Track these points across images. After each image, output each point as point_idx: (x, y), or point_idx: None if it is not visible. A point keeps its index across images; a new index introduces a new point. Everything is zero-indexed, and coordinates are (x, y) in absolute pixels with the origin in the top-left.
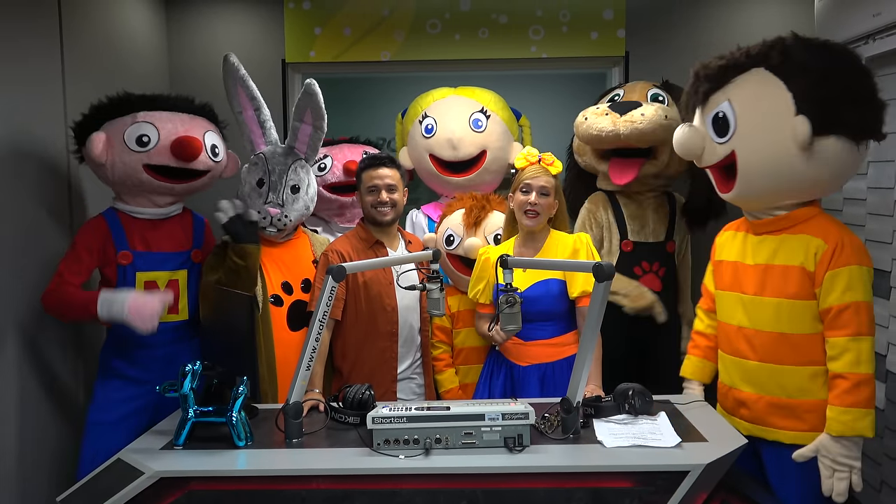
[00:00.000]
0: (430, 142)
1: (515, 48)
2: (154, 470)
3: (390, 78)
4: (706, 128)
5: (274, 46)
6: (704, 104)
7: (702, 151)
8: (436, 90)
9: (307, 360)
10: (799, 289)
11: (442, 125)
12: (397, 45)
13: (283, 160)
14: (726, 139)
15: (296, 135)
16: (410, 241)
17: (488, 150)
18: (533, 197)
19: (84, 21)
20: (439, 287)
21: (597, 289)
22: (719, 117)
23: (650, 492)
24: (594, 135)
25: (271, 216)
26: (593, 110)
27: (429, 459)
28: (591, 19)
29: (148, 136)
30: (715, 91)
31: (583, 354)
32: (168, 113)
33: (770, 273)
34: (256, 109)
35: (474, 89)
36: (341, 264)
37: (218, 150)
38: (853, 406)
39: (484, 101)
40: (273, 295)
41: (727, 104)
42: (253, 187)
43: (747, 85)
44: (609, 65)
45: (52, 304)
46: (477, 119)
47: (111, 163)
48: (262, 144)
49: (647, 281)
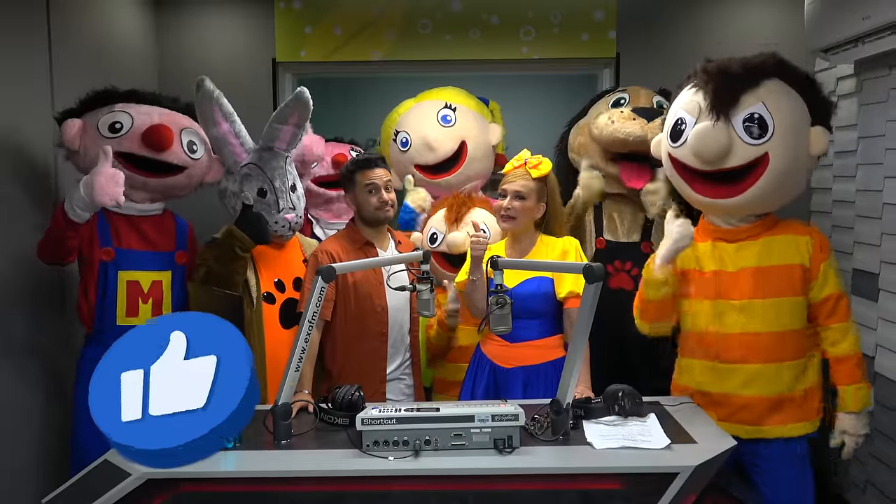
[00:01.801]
0: (409, 154)
1: (506, 49)
2: (141, 471)
3: (381, 78)
4: (734, 128)
5: (264, 45)
6: (736, 104)
7: (725, 151)
8: (398, 106)
9: (296, 361)
10: (802, 285)
11: (415, 133)
12: (388, 45)
13: (275, 164)
14: (763, 141)
15: (276, 134)
16: (400, 242)
17: (466, 139)
18: (507, 201)
19: (72, 18)
20: (429, 288)
21: (587, 290)
22: (755, 117)
23: (639, 493)
24: (621, 138)
25: (290, 223)
26: (617, 114)
27: (418, 461)
28: (582, 21)
29: (121, 123)
30: (746, 92)
31: (573, 356)
32: (148, 106)
33: (765, 275)
34: (232, 122)
35: (434, 90)
36: (331, 265)
37: (196, 147)
38: (863, 381)
39: (446, 98)
40: (266, 292)
41: (762, 106)
42: (257, 199)
43: (776, 90)
44: (600, 66)
45: (41, 246)
46: (445, 115)
47: (84, 149)
48: (242, 153)
49: (620, 280)
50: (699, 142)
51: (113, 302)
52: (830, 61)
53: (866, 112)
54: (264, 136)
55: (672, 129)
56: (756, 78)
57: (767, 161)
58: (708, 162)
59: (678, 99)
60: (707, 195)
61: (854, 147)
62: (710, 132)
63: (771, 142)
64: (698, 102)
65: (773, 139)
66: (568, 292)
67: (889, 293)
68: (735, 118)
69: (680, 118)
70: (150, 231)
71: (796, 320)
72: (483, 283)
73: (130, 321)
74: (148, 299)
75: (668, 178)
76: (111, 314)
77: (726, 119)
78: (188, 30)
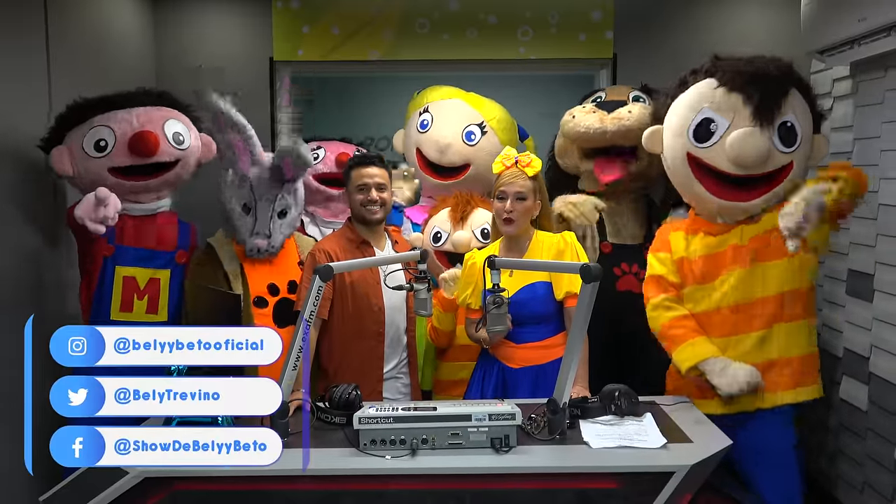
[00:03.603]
0: (421, 137)
1: (504, 49)
2: (138, 469)
3: (378, 77)
4: (773, 135)
5: (262, 44)
6: (779, 111)
7: (766, 158)
8: (446, 88)
9: (293, 360)
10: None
11: (436, 126)
12: (385, 44)
13: (269, 188)
14: (793, 149)
15: (281, 162)
16: (397, 241)
17: (472, 164)
18: (508, 204)
19: (70, 17)
20: (427, 287)
21: (584, 290)
22: (787, 126)
23: (635, 493)
24: (581, 132)
25: (259, 248)
26: (580, 109)
27: (415, 460)
28: (579, 21)
29: (105, 140)
30: (784, 98)
31: (569, 356)
32: (124, 111)
33: (763, 240)
34: (246, 137)
35: (483, 100)
36: (328, 264)
37: (182, 136)
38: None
39: (486, 116)
40: (257, 297)
41: (793, 115)
42: (240, 213)
43: (798, 99)
44: (597, 66)
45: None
46: (470, 132)
47: (78, 173)
48: (248, 166)
49: (626, 282)
50: (744, 147)
51: (108, 296)
52: (826, 63)
53: (862, 114)
54: (276, 156)
55: (697, 129)
56: (788, 85)
57: (791, 169)
58: (746, 167)
59: (692, 96)
60: (722, 197)
61: (850, 148)
62: (754, 139)
63: (797, 151)
64: (734, 105)
65: (800, 148)
66: (566, 293)
67: (884, 294)
68: (774, 125)
69: (708, 118)
70: (153, 230)
71: (800, 279)
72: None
73: (124, 316)
74: (143, 296)
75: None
76: (106, 308)
77: (770, 125)
78: (186, 28)
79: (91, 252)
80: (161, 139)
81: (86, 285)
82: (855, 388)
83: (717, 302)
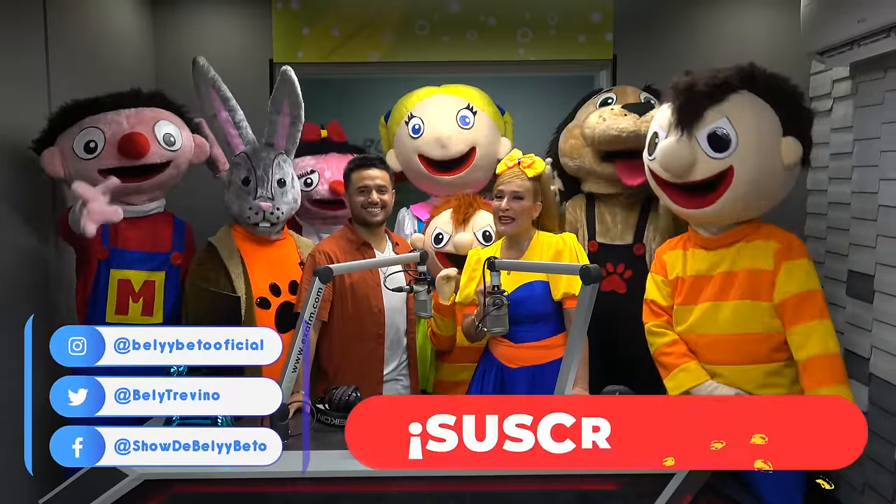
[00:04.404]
0: (417, 142)
1: (503, 50)
2: (138, 472)
3: (378, 79)
4: (698, 143)
5: (261, 46)
6: (699, 120)
7: (689, 166)
8: (419, 90)
9: (293, 362)
10: (767, 290)
11: (429, 125)
12: (385, 46)
13: (266, 155)
14: (725, 155)
15: (275, 128)
16: (398, 243)
17: (478, 146)
18: (504, 203)
19: (69, 18)
20: (426, 289)
21: (583, 291)
22: (719, 134)
23: (636, 494)
24: (615, 135)
25: (263, 210)
26: (607, 111)
27: None
28: (579, 22)
29: (94, 142)
30: (710, 108)
31: (569, 356)
32: (114, 113)
33: (732, 279)
34: (230, 110)
35: (458, 87)
36: (328, 266)
37: (173, 138)
38: (839, 384)
39: (470, 98)
40: (260, 298)
41: (726, 121)
42: (240, 187)
43: (742, 104)
44: (596, 68)
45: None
46: (464, 116)
47: (69, 175)
48: (240, 145)
49: (611, 282)
50: (665, 156)
51: (104, 299)
52: (826, 63)
53: (861, 114)
54: (265, 132)
55: (649, 143)
56: (721, 93)
57: (732, 174)
58: (674, 175)
59: (659, 112)
60: (682, 205)
61: (849, 149)
62: (675, 147)
63: (735, 155)
64: (668, 117)
65: (738, 152)
66: (563, 294)
67: (884, 295)
68: (699, 133)
69: (655, 132)
70: (148, 231)
71: (755, 323)
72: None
73: (119, 318)
74: (139, 299)
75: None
76: (101, 311)
77: (689, 135)
78: (185, 30)
79: (86, 255)
80: (151, 141)
81: (81, 287)
82: (855, 388)
83: (691, 326)
